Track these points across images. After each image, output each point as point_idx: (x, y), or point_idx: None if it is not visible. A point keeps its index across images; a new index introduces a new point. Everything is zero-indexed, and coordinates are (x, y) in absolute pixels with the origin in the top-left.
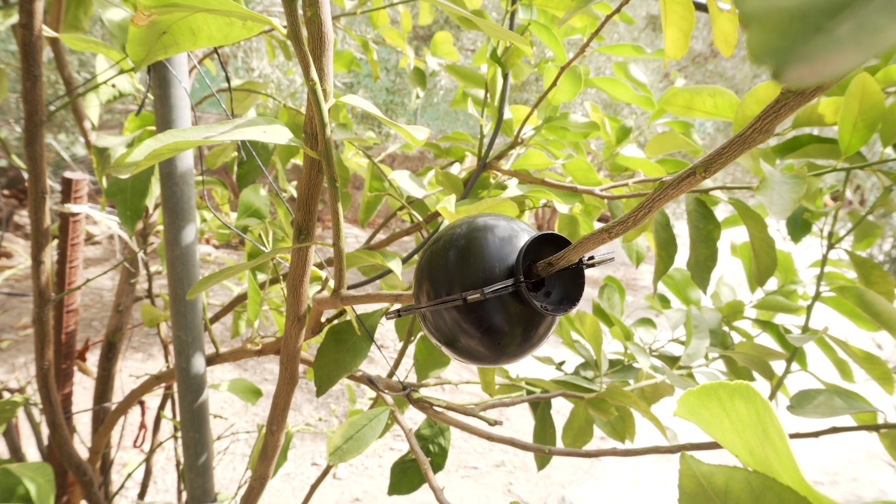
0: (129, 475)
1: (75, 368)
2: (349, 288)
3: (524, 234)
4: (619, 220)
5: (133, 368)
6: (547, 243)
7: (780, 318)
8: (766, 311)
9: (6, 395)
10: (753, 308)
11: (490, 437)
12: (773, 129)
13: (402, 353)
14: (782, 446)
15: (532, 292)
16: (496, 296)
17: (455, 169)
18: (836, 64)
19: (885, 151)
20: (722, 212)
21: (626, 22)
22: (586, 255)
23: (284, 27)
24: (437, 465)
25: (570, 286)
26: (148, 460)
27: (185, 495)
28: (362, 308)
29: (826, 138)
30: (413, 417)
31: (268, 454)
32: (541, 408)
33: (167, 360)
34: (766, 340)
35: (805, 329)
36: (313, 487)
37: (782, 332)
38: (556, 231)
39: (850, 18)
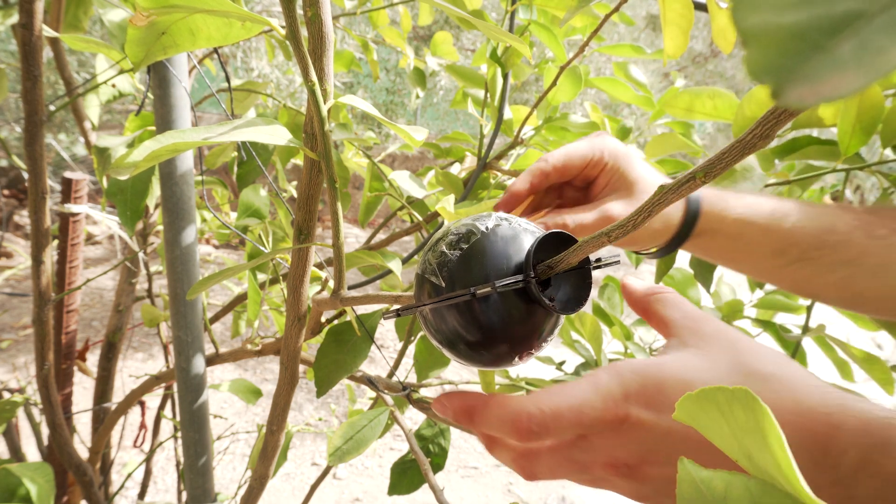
0: (129, 475)
1: (75, 368)
2: (349, 288)
3: (530, 232)
4: (619, 223)
5: (133, 368)
6: (556, 242)
7: (781, 318)
8: (767, 311)
9: (6, 395)
10: (753, 307)
11: None
12: (774, 134)
13: (402, 354)
14: (781, 453)
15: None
16: (503, 293)
17: (455, 169)
18: (838, 85)
19: (884, 152)
20: None
21: (626, 22)
22: (593, 257)
23: (283, 28)
24: (437, 466)
25: (577, 287)
26: (148, 460)
27: (185, 495)
28: (362, 308)
29: (825, 140)
30: (413, 417)
31: (268, 454)
32: None
33: (167, 360)
34: (767, 340)
35: (805, 329)
36: (313, 487)
37: (782, 332)
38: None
39: (852, 38)
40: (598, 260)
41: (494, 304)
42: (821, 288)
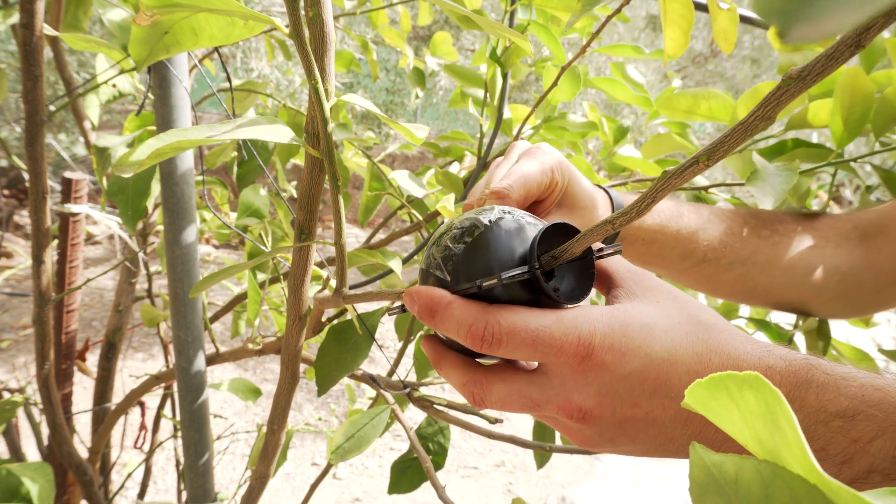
0: (129, 475)
1: (75, 368)
2: (349, 288)
3: (532, 224)
4: (623, 211)
5: (133, 368)
6: (558, 233)
7: (776, 317)
8: (762, 310)
9: (6, 395)
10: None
11: (490, 435)
12: (776, 116)
13: (401, 353)
14: (793, 435)
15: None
16: (508, 285)
17: (454, 168)
18: (836, 24)
19: (875, 145)
20: None
21: (623, 21)
22: (595, 247)
23: (286, 27)
24: (437, 464)
25: (580, 278)
26: (148, 460)
27: (185, 495)
28: (363, 307)
29: (813, 144)
30: (412, 418)
31: (268, 454)
32: None
33: (167, 360)
34: (762, 339)
35: (795, 325)
36: (313, 487)
37: (777, 330)
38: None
39: None
40: (601, 250)
41: (500, 296)
42: (720, 284)
